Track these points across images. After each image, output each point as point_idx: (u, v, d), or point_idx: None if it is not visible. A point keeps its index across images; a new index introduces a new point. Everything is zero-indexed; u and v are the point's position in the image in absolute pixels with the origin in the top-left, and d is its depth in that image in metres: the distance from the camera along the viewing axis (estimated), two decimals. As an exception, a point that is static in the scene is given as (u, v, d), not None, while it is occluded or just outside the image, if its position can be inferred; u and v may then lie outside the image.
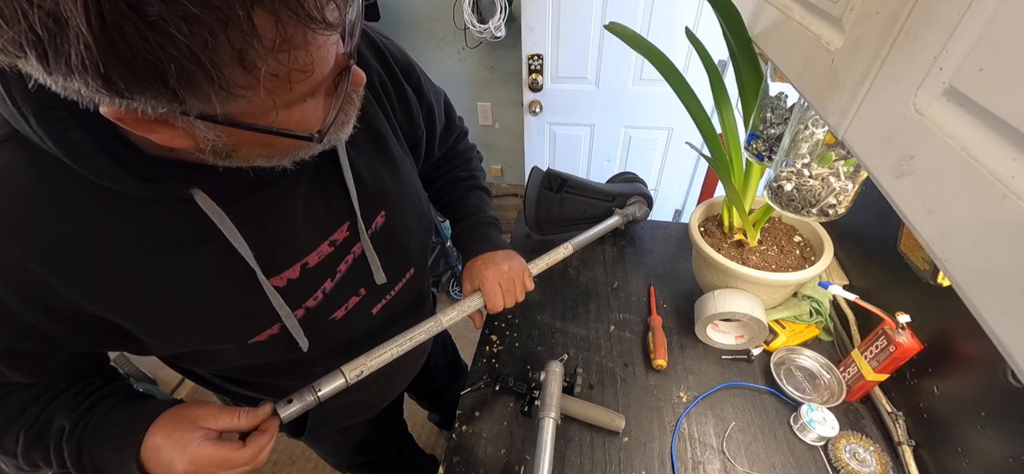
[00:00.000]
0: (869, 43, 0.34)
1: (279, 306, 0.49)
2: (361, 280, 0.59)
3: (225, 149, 0.36)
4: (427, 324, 0.62)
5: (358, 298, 0.60)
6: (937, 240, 0.28)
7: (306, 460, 1.69)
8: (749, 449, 0.73)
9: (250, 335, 0.50)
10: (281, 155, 0.40)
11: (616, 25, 0.82)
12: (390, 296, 0.65)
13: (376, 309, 0.63)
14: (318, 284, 0.54)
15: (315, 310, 0.54)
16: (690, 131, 1.82)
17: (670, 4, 1.57)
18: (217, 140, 0.34)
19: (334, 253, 0.54)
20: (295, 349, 0.54)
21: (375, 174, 0.57)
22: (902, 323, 0.68)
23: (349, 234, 0.55)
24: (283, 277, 0.50)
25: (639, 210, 1.07)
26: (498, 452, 0.75)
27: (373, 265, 0.59)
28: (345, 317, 0.59)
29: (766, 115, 0.72)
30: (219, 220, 0.43)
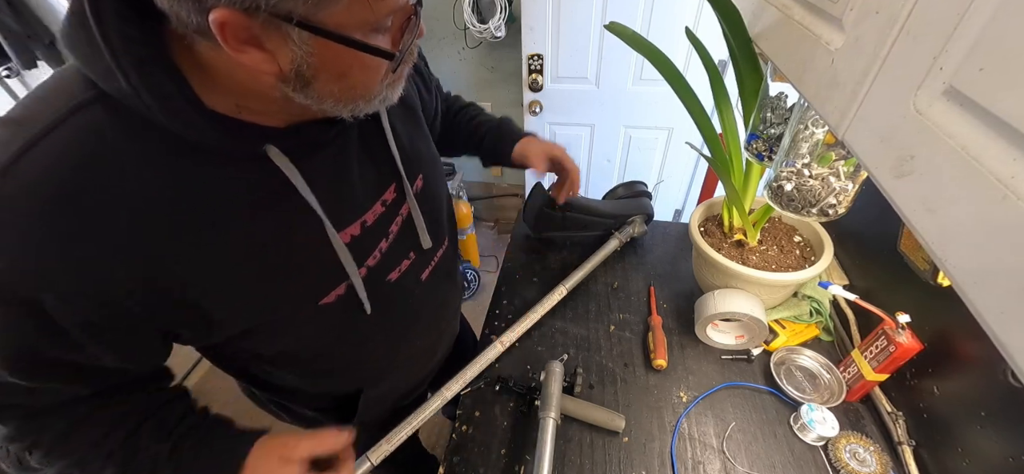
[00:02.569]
0: (869, 43, 0.34)
1: (346, 262, 0.52)
2: (410, 243, 0.63)
3: (306, 75, 0.38)
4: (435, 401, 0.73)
5: (409, 261, 0.63)
6: (937, 240, 0.28)
7: (306, 460, 1.69)
8: (749, 449, 0.73)
9: (320, 295, 0.53)
10: (351, 94, 0.42)
11: (616, 25, 0.82)
12: (434, 263, 0.69)
13: (424, 275, 0.67)
14: (375, 243, 0.57)
15: (374, 270, 0.57)
16: (690, 131, 1.82)
17: (670, 4, 1.57)
18: (302, 61, 0.37)
19: (386, 213, 0.58)
20: (359, 314, 0.57)
21: (411, 140, 0.62)
22: (902, 323, 0.68)
23: (396, 195, 0.59)
24: (347, 233, 0.53)
25: (637, 228, 1.08)
26: (498, 452, 0.75)
27: (419, 227, 0.63)
28: (399, 280, 0.62)
29: (766, 115, 0.72)
30: (291, 175, 0.45)
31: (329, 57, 0.37)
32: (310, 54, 0.37)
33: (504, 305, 1.01)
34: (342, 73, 0.40)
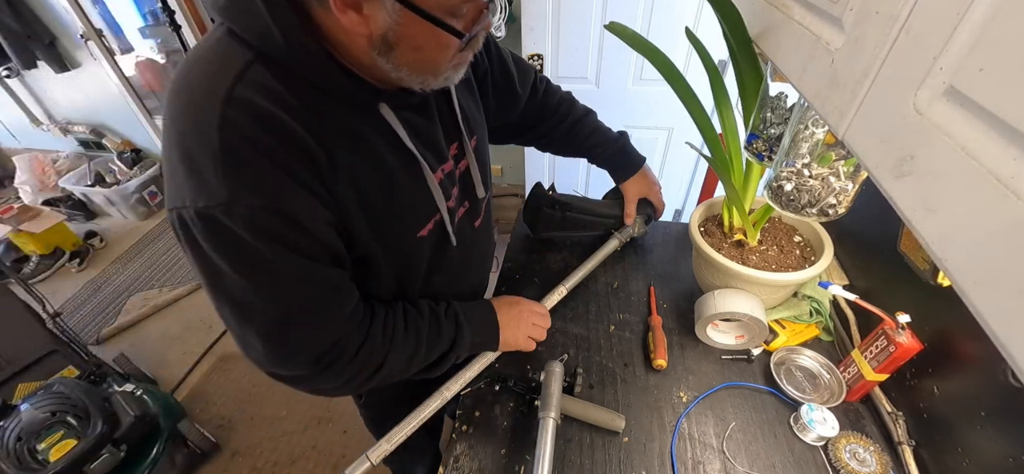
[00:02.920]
0: (869, 43, 0.34)
1: (438, 199, 0.63)
2: (468, 192, 0.74)
3: (390, 40, 0.45)
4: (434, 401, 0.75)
5: (466, 208, 0.74)
6: (937, 240, 0.28)
7: (306, 460, 1.69)
8: (749, 449, 0.73)
9: (420, 226, 0.63)
10: (423, 67, 0.50)
11: (616, 25, 0.82)
12: (481, 214, 0.79)
13: (477, 222, 0.78)
14: (450, 189, 0.67)
15: (451, 210, 0.68)
16: (690, 131, 1.81)
17: (670, 4, 1.57)
18: (388, 30, 0.44)
19: (453, 165, 0.68)
20: (446, 245, 0.69)
21: (468, 106, 0.72)
22: (902, 323, 0.68)
23: (458, 151, 0.70)
24: (435, 177, 0.62)
25: (638, 227, 1.06)
26: (498, 452, 0.75)
27: (475, 179, 0.73)
28: (461, 223, 0.72)
29: (766, 115, 0.72)
30: (397, 127, 0.55)
31: (411, 29, 0.45)
32: (397, 24, 0.44)
33: (504, 305, 1.01)
34: (419, 45, 0.47)
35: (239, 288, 0.48)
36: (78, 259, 2.72)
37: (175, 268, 2.66)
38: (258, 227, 0.45)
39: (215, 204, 0.43)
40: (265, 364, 0.54)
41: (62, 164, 3.18)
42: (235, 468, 1.69)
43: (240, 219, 0.44)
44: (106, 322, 2.33)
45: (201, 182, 0.43)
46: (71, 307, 2.45)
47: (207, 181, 0.43)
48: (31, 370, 1.57)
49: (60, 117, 3.10)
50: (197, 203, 0.43)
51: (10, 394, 1.48)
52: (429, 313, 0.68)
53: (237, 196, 0.43)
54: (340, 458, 1.68)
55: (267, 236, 0.46)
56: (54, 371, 1.56)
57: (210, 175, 0.43)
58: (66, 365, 1.60)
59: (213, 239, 0.45)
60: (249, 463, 1.70)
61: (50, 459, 1.26)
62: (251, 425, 1.82)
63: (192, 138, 0.44)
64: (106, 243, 2.91)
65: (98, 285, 2.59)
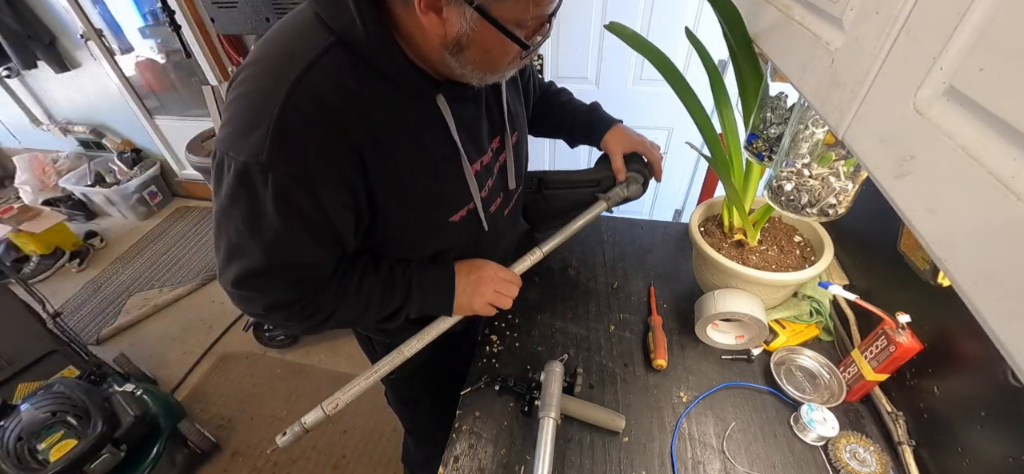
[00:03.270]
0: (869, 43, 0.34)
1: (473, 187, 0.67)
2: (502, 186, 0.77)
3: (462, 45, 0.50)
4: (389, 356, 0.75)
5: (499, 199, 0.77)
6: (937, 240, 0.28)
7: (306, 460, 1.69)
8: (749, 449, 0.73)
9: (452, 212, 0.67)
10: (487, 68, 0.55)
11: (616, 25, 0.82)
12: (512, 204, 0.83)
13: (507, 211, 0.81)
14: (485, 180, 0.71)
15: (485, 200, 0.71)
16: (690, 131, 1.81)
17: (670, 4, 1.57)
18: (462, 34, 0.49)
19: (491, 158, 0.72)
20: (478, 231, 0.72)
21: (514, 103, 0.76)
22: (902, 323, 0.68)
23: (499, 145, 0.74)
24: (472, 168, 0.66)
25: (630, 188, 0.90)
26: (498, 452, 0.75)
27: (510, 172, 0.77)
28: (495, 212, 0.76)
29: (766, 115, 0.72)
30: (448, 118, 0.59)
31: (482, 36, 0.49)
32: (472, 30, 0.49)
33: (504, 305, 1.01)
34: (487, 50, 0.52)
35: (240, 235, 0.55)
36: (78, 259, 2.72)
37: (175, 268, 2.66)
38: (283, 194, 0.51)
39: (256, 162, 0.49)
40: (229, 290, 0.60)
41: (62, 164, 3.18)
42: (235, 468, 1.69)
43: (271, 183, 0.50)
44: (106, 322, 2.33)
45: (253, 139, 0.49)
46: (71, 307, 2.44)
47: (258, 141, 0.49)
48: (31, 370, 1.57)
49: (60, 117, 3.10)
50: (240, 155, 0.49)
51: (10, 394, 1.48)
52: (385, 274, 0.69)
53: (276, 163, 0.49)
54: (340, 458, 1.68)
55: (287, 203, 0.52)
56: (54, 371, 1.56)
57: (262, 137, 0.48)
58: (66, 365, 1.60)
59: (242, 187, 0.51)
60: (249, 463, 1.70)
61: (50, 459, 1.26)
62: (251, 425, 1.82)
63: (260, 97, 0.50)
64: (106, 243, 2.91)
65: (98, 285, 2.59)
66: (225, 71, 2.34)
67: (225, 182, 0.52)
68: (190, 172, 3.09)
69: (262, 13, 1.73)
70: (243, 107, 0.51)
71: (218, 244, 0.58)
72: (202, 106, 2.56)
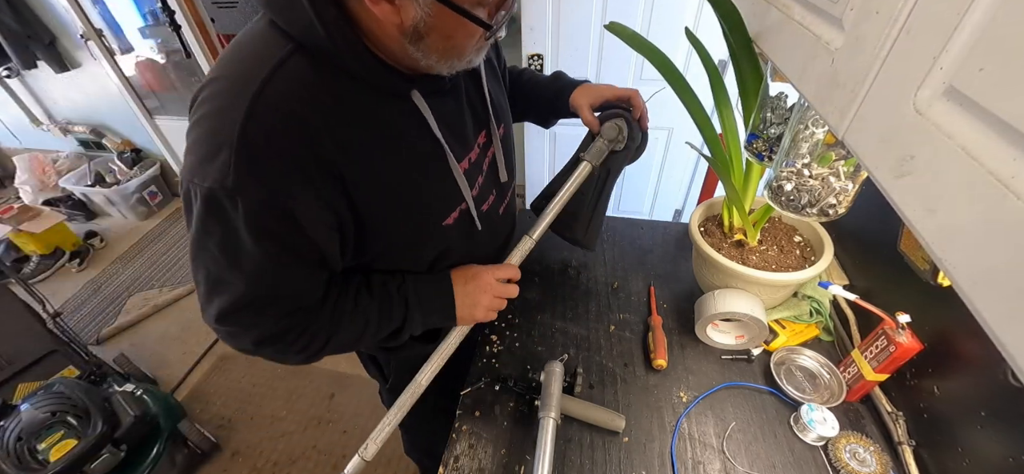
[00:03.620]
0: (869, 43, 0.34)
1: (463, 187, 0.63)
2: (494, 182, 0.74)
3: (420, 32, 0.47)
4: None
5: (492, 197, 0.75)
6: (937, 240, 0.28)
7: (306, 460, 1.69)
8: (749, 449, 0.73)
9: (445, 214, 0.64)
10: (452, 55, 0.52)
11: (616, 25, 0.82)
12: (506, 202, 0.81)
13: (501, 209, 0.79)
14: (475, 177, 0.68)
15: (476, 199, 0.69)
16: (690, 131, 1.82)
17: (670, 4, 1.57)
18: (419, 21, 0.46)
19: (480, 153, 0.69)
20: (472, 231, 0.69)
21: (498, 95, 0.74)
22: (902, 323, 0.68)
23: (486, 139, 0.71)
24: (460, 166, 0.63)
25: (610, 136, 0.76)
26: (498, 452, 0.75)
27: (500, 166, 0.74)
28: (488, 210, 0.74)
29: (766, 115, 0.72)
30: (426, 113, 0.56)
31: (441, 20, 0.46)
32: (429, 15, 0.46)
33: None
34: (449, 35, 0.49)
35: (218, 265, 0.51)
36: (78, 259, 2.72)
37: (175, 268, 2.66)
38: (256, 218, 0.48)
39: (222, 188, 0.46)
40: (213, 327, 0.57)
41: (62, 164, 3.18)
42: (235, 468, 1.69)
43: (241, 208, 0.47)
44: (106, 322, 2.33)
45: (216, 164, 0.45)
46: (71, 307, 2.44)
47: (222, 166, 0.45)
48: (31, 370, 1.57)
49: (60, 117, 3.10)
50: (205, 182, 0.46)
51: (10, 394, 1.48)
52: (380, 294, 0.65)
53: (244, 187, 0.46)
54: (340, 458, 1.68)
55: (262, 230, 0.48)
56: (54, 371, 1.56)
57: (225, 161, 0.45)
58: (66, 365, 1.60)
59: (211, 217, 0.48)
60: (249, 463, 1.70)
61: (50, 459, 1.26)
62: (251, 425, 1.82)
63: (219, 120, 0.46)
64: (106, 243, 2.91)
65: (98, 285, 2.59)
66: (225, 71, 2.33)
67: (194, 213, 0.49)
68: (190, 172, 3.08)
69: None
70: (203, 131, 0.47)
71: (197, 279, 0.54)
72: (202, 106, 2.56)
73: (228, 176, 0.45)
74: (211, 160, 0.46)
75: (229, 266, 0.51)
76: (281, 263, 0.52)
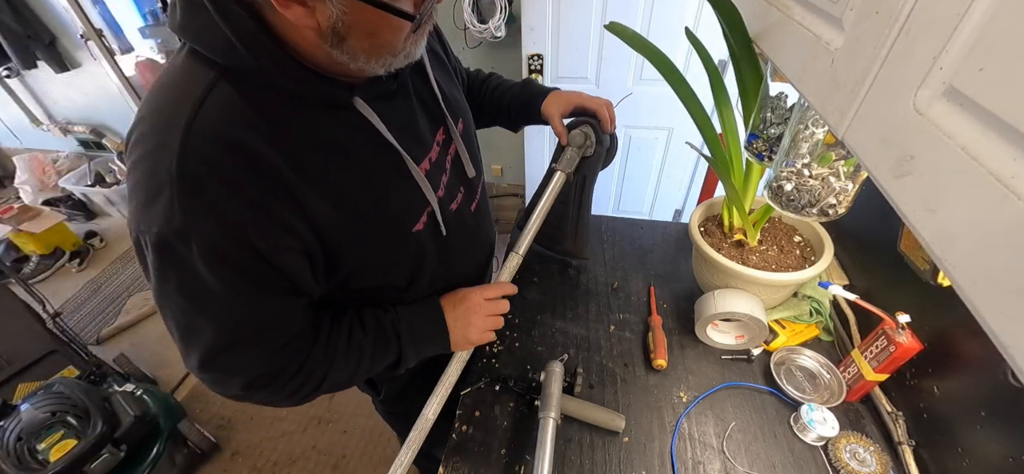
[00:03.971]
0: (869, 43, 0.34)
1: (427, 191, 0.60)
2: (460, 179, 0.71)
3: (341, 32, 0.43)
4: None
5: (461, 195, 0.71)
6: (937, 240, 0.28)
7: (306, 460, 1.69)
8: (749, 449, 0.73)
9: (413, 221, 0.61)
10: (380, 51, 0.47)
11: (616, 25, 0.82)
12: (477, 199, 0.78)
13: (472, 207, 0.76)
14: (438, 178, 0.65)
15: (443, 200, 0.66)
16: (690, 131, 1.82)
17: (670, 4, 1.57)
18: (336, 21, 0.42)
19: (440, 151, 0.66)
20: (439, 237, 0.66)
21: (451, 90, 0.71)
22: (902, 323, 0.68)
23: (445, 136, 0.68)
24: (420, 168, 0.60)
25: (583, 137, 0.81)
26: (498, 452, 0.75)
27: (464, 160, 0.71)
28: (457, 210, 0.70)
29: (766, 115, 0.72)
30: (373, 119, 0.53)
31: (360, 17, 0.43)
32: (344, 13, 0.42)
33: (504, 305, 1.01)
34: (372, 32, 0.45)
35: (185, 312, 0.49)
36: (78, 259, 2.72)
37: (175, 268, 2.66)
38: (213, 255, 0.45)
39: (171, 230, 0.43)
40: (199, 377, 0.54)
41: (62, 164, 3.18)
42: (235, 468, 1.69)
43: (195, 246, 0.44)
44: (106, 322, 2.33)
45: (159, 207, 0.43)
46: (71, 307, 2.44)
47: (165, 207, 0.42)
48: (31, 370, 1.57)
49: (60, 117, 3.10)
50: (152, 227, 0.43)
51: (10, 394, 1.48)
52: (374, 329, 0.64)
53: (193, 223, 0.43)
54: (340, 458, 1.68)
55: (221, 264, 0.46)
56: (54, 371, 1.56)
57: (168, 201, 0.42)
58: (66, 365, 1.60)
59: (166, 263, 0.45)
60: (249, 463, 1.70)
61: (50, 459, 1.26)
62: (251, 425, 1.82)
63: (153, 161, 0.43)
64: (106, 243, 2.91)
65: (98, 285, 2.59)
66: (225, 71, 2.33)
67: (149, 263, 0.46)
68: (190, 172, 3.08)
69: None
70: (140, 175, 0.44)
71: (169, 330, 0.51)
72: (202, 106, 2.56)
73: (174, 216, 0.42)
74: (153, 203, 0.43)
75: (196, 311, 0.48)
76: (249, 296, 0.49)
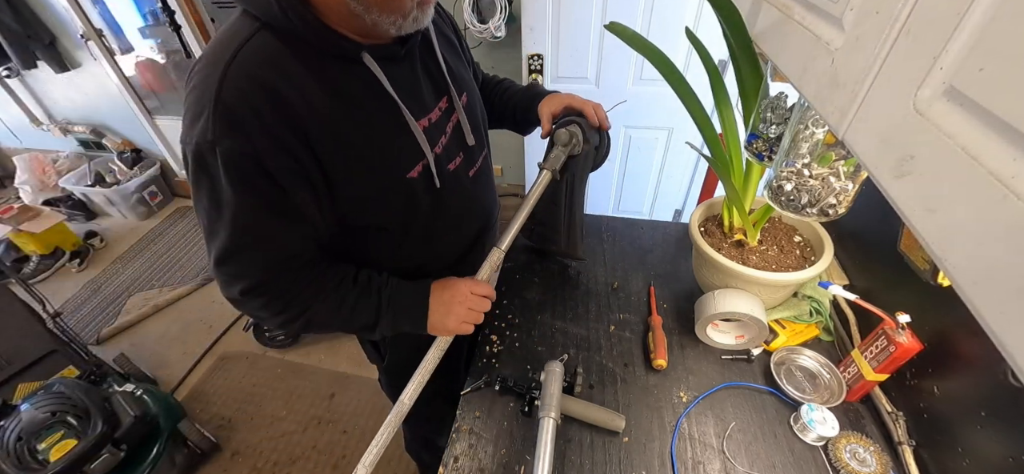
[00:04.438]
0: (869, 43, 0.34)
1: (423, 143, 0.67)
2: (459, 146, 0.78)
3: None
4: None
5: (460, 158, 0.78)
6: (937, 240, 0.28)
7: (306, 460, 1.69)
8: (749, 449, 0.73)
9: (407, 168, 0.68)
10: (393, 8, 0.56)
11: (616, 25, 0.82)
12: (477, 166, 0.83)
13: (471, 172, 0.81)
14: (438, 137, 0.72)
15: (440, 157, 0.72)
16: (690, 131, 1.82)
17: (670, 4, 1.57)
18: None
19: (441, 117, 0.74)
20: (433, 189, 0.72)
21: (457, 66, 0.79)
22: (902, 323, 0.68)
23: (448, 105, 0.75)
24: (419, 124, 0.67)
25: (569, 136, 0.80)
26: (498, 452, 0.75)
27: (465, 129, 0.78)
28: (455, 171, 0.77)
29: (766, 115, 0.72)
30: (378, 73, 0.61)
31: None
32: None
33: (504, 305, 1.01)
34: None
35: (209, 216, 0.59)
36: (78, 259, 2.72)
37: (175, 268, 2.66)
38: (232, 166, 0.54)
39: (205, 142, 0.53)
40: (214, 274, 0.64)
41: (62, 164, 3.18)
42: (235, 468, 1.69)
43: (219, 157, 0.54)
44: (106, 322, 2.33)
45: (200, 125, 0.53)
46: (71, 307, 2.44)
47: (203, 124, 0.53)
48: (31, 370, 1.57)
49: (60, 117, 3.10)
50: (192, 141, 0.54)
51: (10, 394, 1.48)
52: (363, 284, 0.71)
53: (221, 135, 0.53)
54: (340, 458, 1.68)
55: (238, 174, 0.55)
56: (54, 371, 1.56)
57: (206, 120, 0.53)
58: (66, 365, 1.60)
59: (200, 172, 0.56)
60: (249, 463, 1.70)
61: (50, 459, 1.26)
62: (251, 425, 1.82)
63: (201, 87, 0.55)
64: (106, 243, 2.91)
65: (98, 285, 2.59)
66: (225, 71, 2.33)
67: (190, 172, 0.57)
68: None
69: (262, 13, 1.73)
70: (190, 101, 0.56)
71: (203, 233, 0.63)
72: (202, 106, 2.56)
73: (208, 131, 0.53)
74: (195, 122, 0.54)
75: (216, 215, 0.58)
76: (257, 212, 0.58)
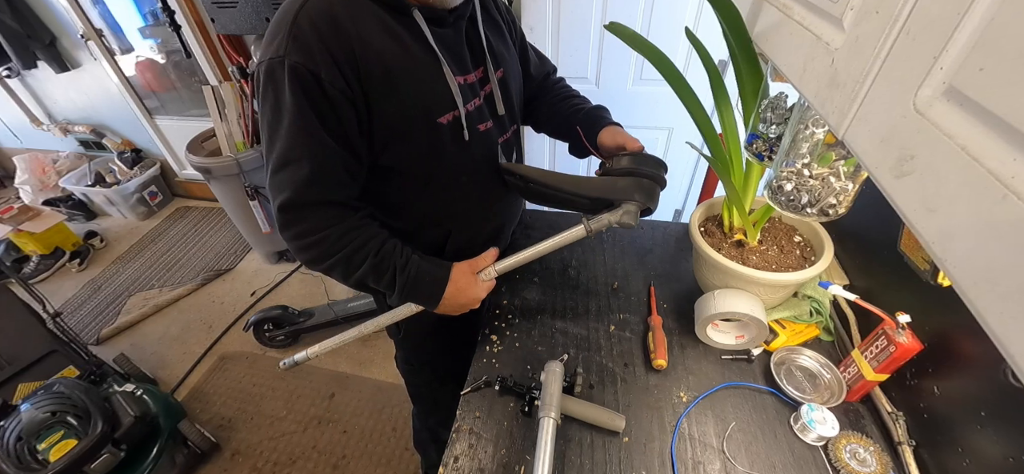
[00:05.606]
0: (869, 43, 0.34)
1: (456, 94, 0.75)
2: (491, 112, 0.86)
3: None
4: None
5: (491, 123, 0.85)
6: (937, 240, 0.28)
7: (306, 460, 1.69)
8: (749, 449, 0.73)
9: (439, 113, 0.75)
10: None
11: (616, 25, 0.82)
12: (507, 134, 0.90)
13: (502, 140, 0.88)
14: (470, 97, 0.80)
15: (471, 114, 0.79)
16: (690, 131, 1.82)
17: (670, 4, 1.57)
18: None
19: (476, 83, 0.82)
20: (461, 141, 0.79)
21: (499, 44, 0.86)
22: (902, 323, 0.68)
23: (483, 74, 0.83)
24: (456, 80, 0.75)
25: (622, 216, 0.77)
26: (498, 452, 0.75)
27: (497, 99, 0.85)
28: (484, 132, 0.83)
29: (766, 115, 0.72)
30: (425, 28, 0.71)
31: None
32: None
33: (504, 305, 1.01)
34: None
35: (270, 127, 0.68)
36: (78, 259, 2.72)
37: (175, 268, 2.66)
38: (296, 76, 0.63)
39: (276, 56, 0.63)
40: (268, 182, 0.72)
41: (62, 164, 3.18)
42: (235, 468, 1.69)
43: (286, 68, 0.63)
44: (106, 322, 2.33)
45: (276, 43, 0.64)
46: (71, 307, 2.45)
47: (279, 43, 0.64)
48: (31, 370, 1.57)
49: (60, 117, 3.10)
50: (266, 56, 0.64)
51: (10, 394, 1.48)
52: (388, 252, 0.78)
53: (290, 53, 0.63)
54: (340, 458, 1.68)
55: (300, 85, 0.64)
56: (54, 371, 1.56)
57: (281, 39, 0.63)
58: (66, 365, 1.60)
59: (268, 84, 0.65)
60: (249, 463, 1.70)
61: (50, 459, 1.26)
62: (251, 425, 1.82)
63: (282, 16, 0.66)
64: (106, 243, 2.92)
65: (98, 285, 2.59)
66: (225, 71, 2.34)
67: (260, 87, 0.67)
68: (190, 172, 3.09)
69: (262, 13, 1.73)
70: (271, 27, 0.67)
71: (263, 146, 0.72)
72: (202, 106, 2.56)
73: (280, 47, 0.63)
74: (271, 44, 0.65)
75: (277, 124, 0.67)
76: (310, 120, 0.66)
